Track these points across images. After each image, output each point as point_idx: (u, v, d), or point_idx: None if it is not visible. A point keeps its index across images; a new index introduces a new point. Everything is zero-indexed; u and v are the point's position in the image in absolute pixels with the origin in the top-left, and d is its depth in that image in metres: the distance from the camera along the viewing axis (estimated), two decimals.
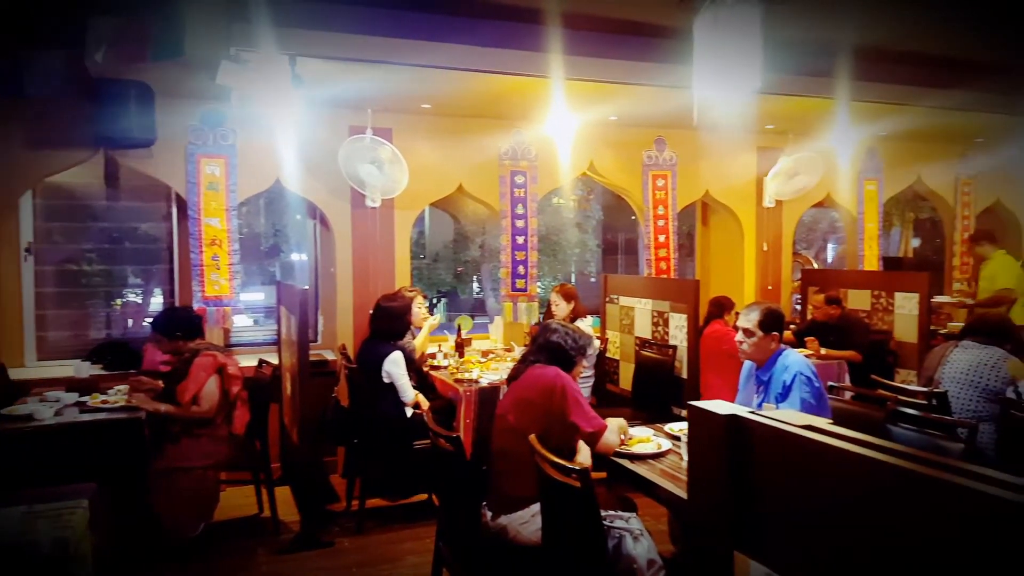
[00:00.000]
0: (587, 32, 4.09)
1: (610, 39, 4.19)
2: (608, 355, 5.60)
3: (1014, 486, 0.84)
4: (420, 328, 5.02)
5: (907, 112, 5.55)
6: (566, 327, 3.17)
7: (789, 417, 1.15)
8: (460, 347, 5.30)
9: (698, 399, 4.74)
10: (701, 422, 1.26)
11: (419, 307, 5.01)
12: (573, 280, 14.75)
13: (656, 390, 4.84)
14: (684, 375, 4.78)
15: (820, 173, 6.43)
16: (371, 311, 4.63)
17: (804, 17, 4.02)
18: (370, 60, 4.03)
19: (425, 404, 4.41)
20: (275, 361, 4.76)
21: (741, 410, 1.21)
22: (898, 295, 5.87)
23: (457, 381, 4.55)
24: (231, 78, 3.85)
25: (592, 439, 2.93)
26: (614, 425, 3.06)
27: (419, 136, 5.53)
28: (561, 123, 5.39)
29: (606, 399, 5.42)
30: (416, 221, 5.95)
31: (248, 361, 4.74)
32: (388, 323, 4.44)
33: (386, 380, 4.30)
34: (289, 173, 5.18)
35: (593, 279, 13.73)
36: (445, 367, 4.95)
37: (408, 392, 4.33)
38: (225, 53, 3.76)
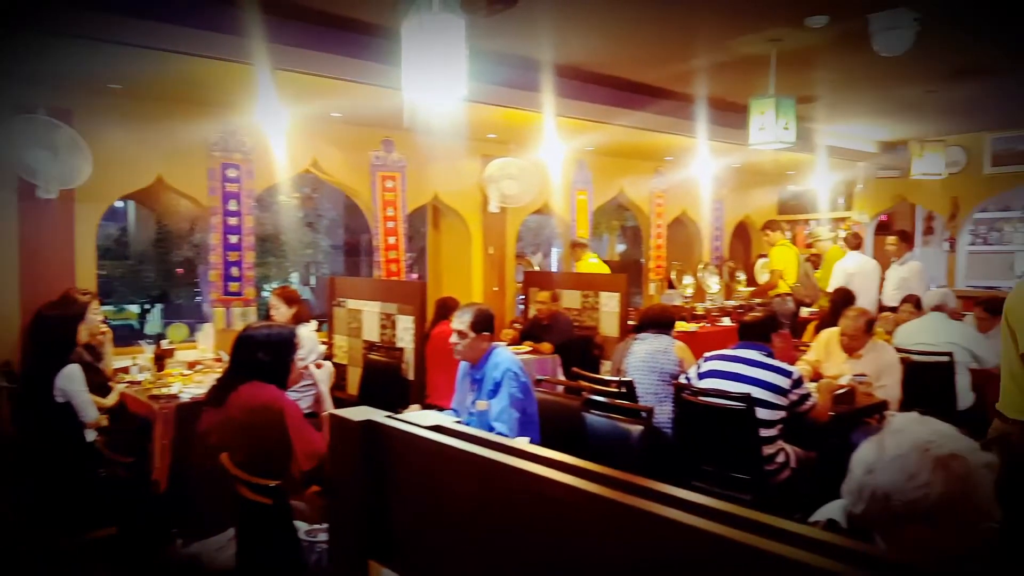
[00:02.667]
0: (295, 22, 3.90)
1: (319, 31, 4.03)
2: (335, 360, 5.43)
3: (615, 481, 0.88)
4: (96, 343, 4.37)
5: (608, 130, 6.14)
6: (259, 335, 2.90)
7: (420, 419, 1.13)
8: (160, 359, 4.75)
9: (424, 399, 4.83)
10: (339, 430, 1.20)
11: (94, 314, 4.35)
12: (313, 283, 14.20)
13: (383, 393, 4.80)
14: (411, 376, 4.80)
15: (533, 181, 6.87)
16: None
17: (508, 33, 4.24)
18: (39, 30, 3.44)
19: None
20: None
21: (377, 415, 1.17)
22: (603, 294, 6.48)
23: (152, 398, 4.06)
24: None
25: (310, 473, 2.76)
26: None
27: (107, 120, 4.84)
28: (275, 115, 5.09)
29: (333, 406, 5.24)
30: (118, 217, 5.24)
31: None
32: (54, 334, 3.81)
33: (60, 399, 3.69)
34: None
35: None
36: (139, 382, 4.40)
37: (88, 411, 3.75)
38: None
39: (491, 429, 3.19)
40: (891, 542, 1.36)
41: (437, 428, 1.10)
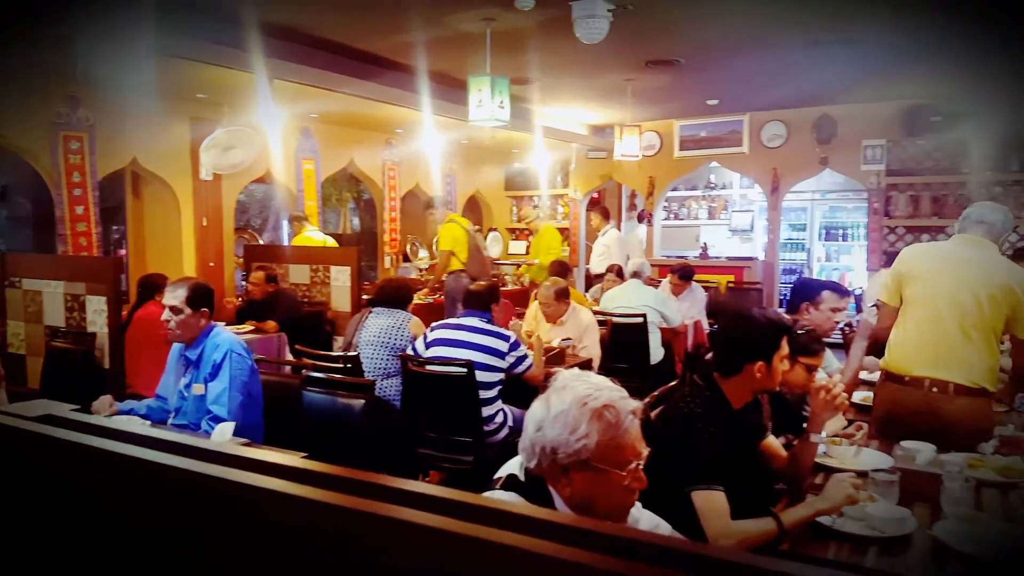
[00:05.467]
0: None
1: None
2: (11, 350, 4.65)
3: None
4: None
5: (334, 98, 5.91)
6: None
7: (25, 409, 0.96)
8: None
9: (126, 390, 4.32)
10: None
11: None
12: None
13: (71, 384, 4.19)
14: (107, 365, 4.26)
15: (257, 148, 6.42)
16: None
17: None
18: None
19: None
20: None
21: None
22: (333, 269, 6.31)
23: None
24: None
25: None
26: None
27: None
28: None
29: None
30: None
31: None
32: None
33: None
34: None
35: None
36: None
37: None
38: None
39: (207, 413, 2.98)
40: (561, 489, 1.47)
41: (48, 419, 0.94)
